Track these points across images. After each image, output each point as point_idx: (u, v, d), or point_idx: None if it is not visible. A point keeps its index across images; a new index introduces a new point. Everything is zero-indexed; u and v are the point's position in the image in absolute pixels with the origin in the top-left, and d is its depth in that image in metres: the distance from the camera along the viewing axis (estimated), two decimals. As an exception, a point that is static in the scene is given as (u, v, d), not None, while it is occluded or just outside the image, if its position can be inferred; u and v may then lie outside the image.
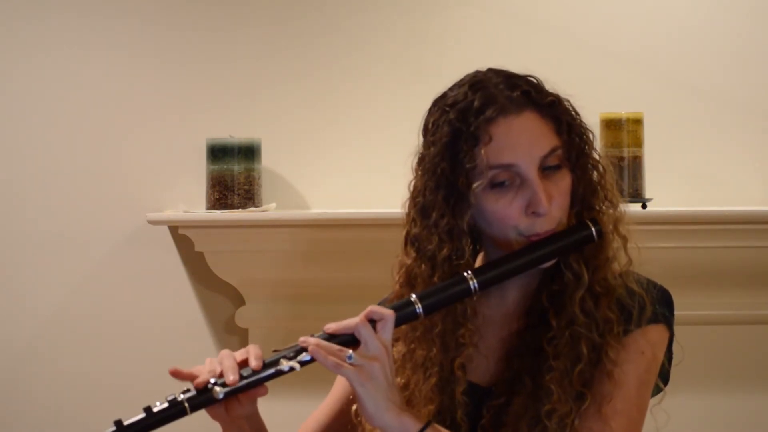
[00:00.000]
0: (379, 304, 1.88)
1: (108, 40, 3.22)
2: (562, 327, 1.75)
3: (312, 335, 1.68)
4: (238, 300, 3.18)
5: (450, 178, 1.75)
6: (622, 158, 2.99)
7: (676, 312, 1.86)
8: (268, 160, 3.14)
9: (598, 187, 1.80)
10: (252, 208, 3.06)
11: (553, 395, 1.72)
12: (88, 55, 3.22)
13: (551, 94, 1.78)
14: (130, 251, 3.22)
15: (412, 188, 1.82)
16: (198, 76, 3.21)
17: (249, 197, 3.06)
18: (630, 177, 2.99)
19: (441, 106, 1.79)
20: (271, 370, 1.67)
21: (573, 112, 1.80)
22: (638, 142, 3.00)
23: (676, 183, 3.12)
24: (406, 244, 1.82)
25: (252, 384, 1.67)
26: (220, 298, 3.23)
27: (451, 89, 1.80)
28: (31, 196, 3.23)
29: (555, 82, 1.83)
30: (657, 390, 1.83)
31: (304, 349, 1.66)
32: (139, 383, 3.19)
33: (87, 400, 3.22)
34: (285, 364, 1.66)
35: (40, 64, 3.22)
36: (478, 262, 1.85)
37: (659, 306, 1.80)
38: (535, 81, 1.80)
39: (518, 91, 1.76)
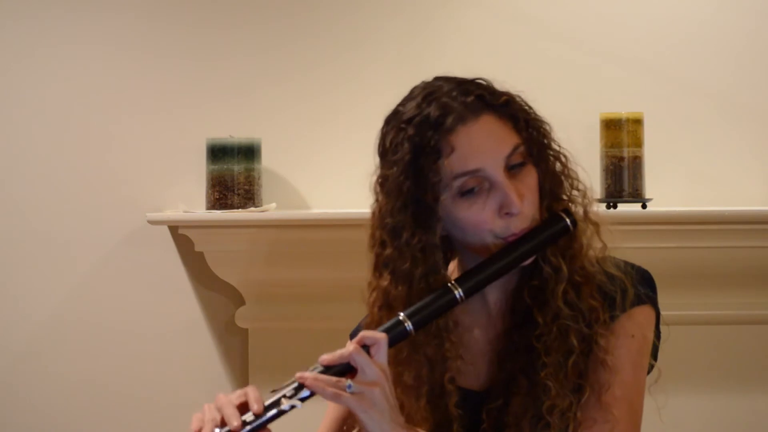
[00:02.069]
0: (355, 330, 1.88)
1: (107, 39, 3.22)
2: (548, 322, 1.74)
3: (308, 369, 1.67)
4: (238, 300, 3.18)
5: (416, 195, 1.73)
6: (622, 158, 2.98)
7: (675, 311, 1.87)
8: (268, 160, 3.14)
9: (563, 177, 1.80)
10: (252, 208, 3.06)
11: (551, 391, 1.72)
12: (87, 55, 3.22)
13: (504, 93, 1.77)
14: (130, 251, 3.22)
15: (376, 210, 1.80)
16: (198, 76, 3.21)
17: (249, 197, 3.06)
18: (630, 177, 2.99)
19: (396, 123, 1.77)
20: (273, 411, 1.66)
21: (527, 108, 1.79)
22: (638, 142, 3.00)
23: (676, 183, 3.12)
24: (377, 267, 1.80)
25: (255, 429, 1.66)
26: (220, 298, 3.23)
27: (401, 104, 1.78)
28: (30, 196, 3.23)
29: (555, 82, 1.83)
30: (649, 368, 1.83)
31: (303, 386, 1.66)
32: (140, 383, 3.20)
33: (87, 401, 3.22)
34: (286, 404, 1.65)
35: (38, 64, 3.22)
36: (452, 270, 1.85)
37: (641, 287, 1.80)
38: (485, 83, 1.79)
39: (472, 96, 1.74)
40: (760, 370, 3.12)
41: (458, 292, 1.72)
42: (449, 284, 1.73)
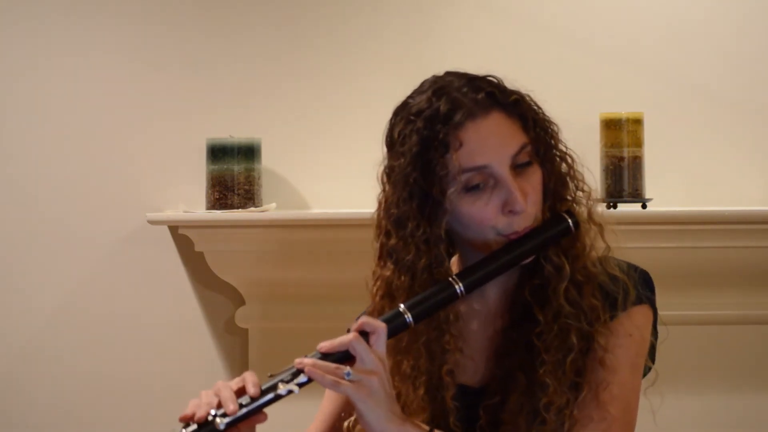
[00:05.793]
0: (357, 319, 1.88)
1: (108, 40, 3.22)
2: (549, 320, 1.75)
3: (306, 356, 1.68)
4: (238, 300, 3.18)
5: (423, 187, 1.75)
6: (622, 158, 2.99)
7: (675, 311, 1.88)
8: (268, 160, 3.14)
9: (568, 178, 1.81)
10: (252, 208, 3.06)
11: (549, 388, 1.72)
12: (88, 56, 3.22)
13: (514, 92, 1.79)
14: (130, 251, 3.22)
15: (382, 200, 1.81)
16: (198, 77, 3.21)
17: (249, 197, 3.07)
18: (630, 177, 2.99)
19: (405, 115, 1.78)
20: (270, 396, 1.66)
21: (536, 107, 1.80)
22: (638, 142, 3.00)
23: (676, 183, 3.13)
24: (381, 256, 1.81)
25: (252, 411, 1.66)
26: (220, 298, 3.23)
27: (411, 97, 1.80)
28: (31, 196, 3.23)
29: (555, 82, 1.83)
30: (646, 369, 1.84)
31: (300, 371, 1.66)
32: (140, 383, 3.20)
33: (87, 400, 3.22)
34: (283, 388, 1.65)
35: (41, 66, 3.23)
36: (453, 265, 1.85)
37: (641, 288, 1.81)
38: (496, 81, 1.80)
39: (482, 93, 1.75)
40: (760, 370, 3.12)
41: (459, 287, 1.73)
42: (450, 278, 1.74)
